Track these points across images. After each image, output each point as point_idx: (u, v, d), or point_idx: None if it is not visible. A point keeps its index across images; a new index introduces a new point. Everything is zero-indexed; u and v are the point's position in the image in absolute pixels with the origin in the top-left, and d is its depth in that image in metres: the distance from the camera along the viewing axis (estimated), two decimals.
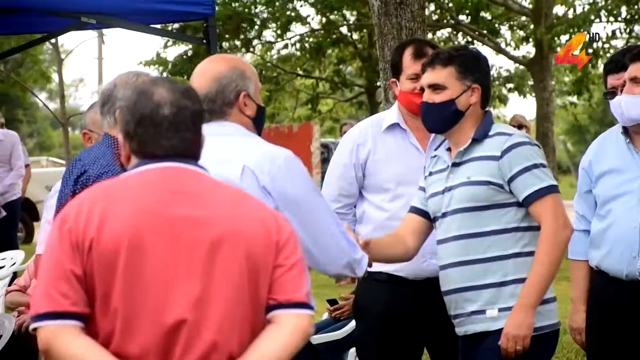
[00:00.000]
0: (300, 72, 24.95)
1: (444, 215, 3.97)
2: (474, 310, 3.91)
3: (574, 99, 21.34)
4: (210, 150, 3.57)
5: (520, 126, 13.30)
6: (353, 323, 5.83)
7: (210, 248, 2.67)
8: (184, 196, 2.72)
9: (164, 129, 2.76)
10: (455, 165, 3.96)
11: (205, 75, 3.55)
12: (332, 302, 6.80)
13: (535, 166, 3.84)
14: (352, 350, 5.78)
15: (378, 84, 19.99)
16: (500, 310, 3.86)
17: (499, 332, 3.85)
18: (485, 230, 3.89)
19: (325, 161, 19.17)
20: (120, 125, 2.81)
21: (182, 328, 2.63)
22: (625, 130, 4.43)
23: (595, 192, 4.48)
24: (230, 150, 3.49)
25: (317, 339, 5.93)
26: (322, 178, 18.26)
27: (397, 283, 4.37)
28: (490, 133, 3.93)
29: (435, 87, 3.94)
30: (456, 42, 23.13)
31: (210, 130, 3.56)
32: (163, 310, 2.63)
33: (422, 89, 4.04)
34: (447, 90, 3.92)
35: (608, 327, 4.43)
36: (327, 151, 20.45)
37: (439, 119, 3.96)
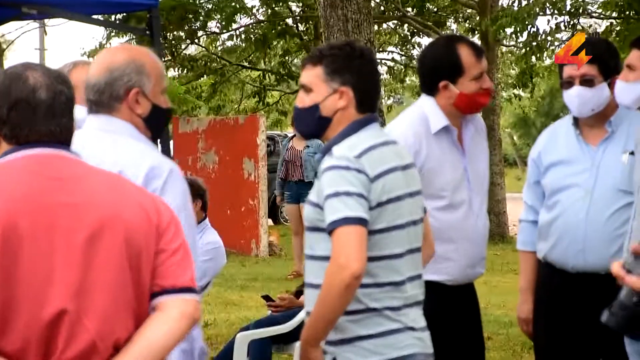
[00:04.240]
0: (246, 64, 24.85)
1: None
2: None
3: (520, 91, 21.47)
4: (90, 146, 3.18)
5: None
6: (300, 316, 5.81)
7: (88, 234, 2.58)
8: (60, 182, 2.61)
9: (42, 113, 2.65)
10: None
11: (100, 63, 3.30)
12: (266, 297, 6.86)
13: (336, 194, 3.30)
14: (299, 344, 5.75)
15: None
16: (327, 343, 3.43)
17: None
18: (316, 255, 3.45)
19: (271, 154, 19.06)
20: None
21: (63, 319, 2.53)
22: (576, 122, 4.43)
23: (544, 182, 4.48)
24: (111, 152, 3.21)
25: (266, 332, 5.90)
26: (268, 171, 18.08)
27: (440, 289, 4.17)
28: (335, 147, 3.42)
29: (304, 89, 3.52)
30: (402, 35, 23.18)
31: (98, 125, 3.30)
32: (42, 301, 2.51)
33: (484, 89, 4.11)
34: (312, 93, 3.48)
35: (554, 319, 4.45)
36: (273, 144, 20.34)
37: (305, 125, 3.56)
